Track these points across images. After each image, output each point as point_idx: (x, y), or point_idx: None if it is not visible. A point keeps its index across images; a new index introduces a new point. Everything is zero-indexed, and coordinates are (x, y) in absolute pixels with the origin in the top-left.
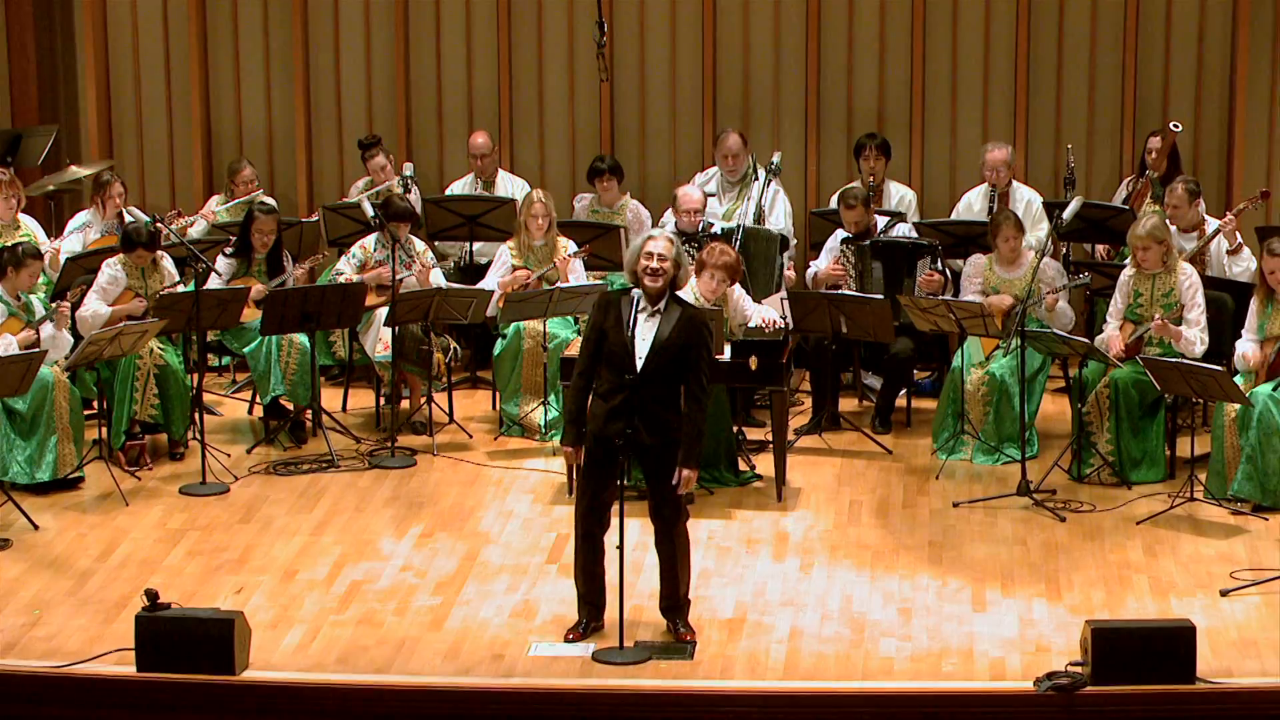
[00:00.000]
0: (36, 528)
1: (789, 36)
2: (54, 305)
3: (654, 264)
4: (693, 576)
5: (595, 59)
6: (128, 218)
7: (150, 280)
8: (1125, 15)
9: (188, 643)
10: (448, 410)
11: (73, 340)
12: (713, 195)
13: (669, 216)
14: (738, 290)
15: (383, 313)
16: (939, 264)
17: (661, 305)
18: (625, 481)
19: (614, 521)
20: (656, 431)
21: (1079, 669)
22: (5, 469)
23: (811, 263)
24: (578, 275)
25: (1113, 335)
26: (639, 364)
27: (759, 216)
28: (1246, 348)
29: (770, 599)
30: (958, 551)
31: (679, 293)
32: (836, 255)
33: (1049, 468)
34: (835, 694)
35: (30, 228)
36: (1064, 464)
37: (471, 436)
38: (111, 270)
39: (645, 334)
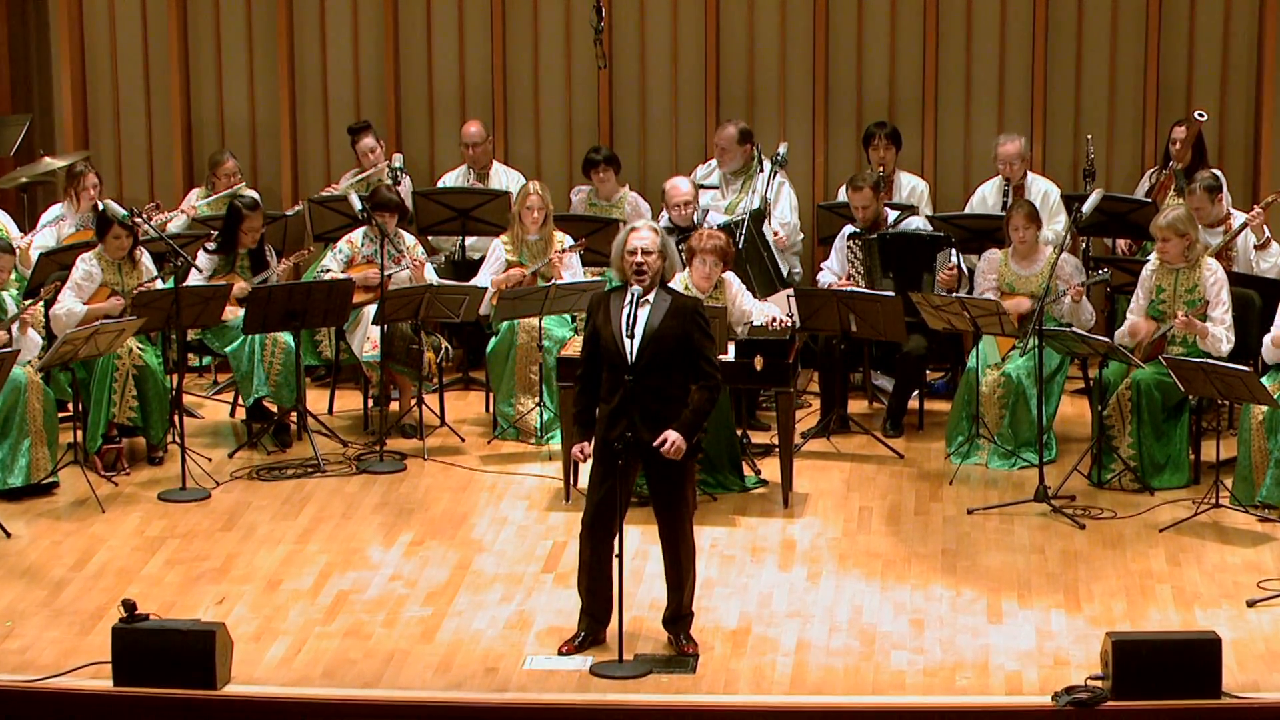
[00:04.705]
0: (9, 535)
1: (796, 21)
2: (25, 304)
3: (639, 259)
4: (696, 587)
5: (593, 45)
6: (101, 209)
7: (127, 277)
8: None
9: (167, 656)
10: (439, 412)
11: (43, 340)
12: (716, 188)
13: (662, 213)
14: (736, 284)
15: (371, 310)
16: (956, 257)
17: (650, 296)
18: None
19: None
20: (657, 428)
21: (1099, 683)
22: None
23: (823, 264)
24: (574, 271)
25: (1139, 321)
26: (632, 358)
27: (764, 210)
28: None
29: (776, 610)
30: (972, 560)
31: (669, 284)
32: (847, 257)
33: (1068, 473)
34: (844, 709)
35: (1, 221)
36: (1083, 469)
37: (464, 440)
38: (86, 265)
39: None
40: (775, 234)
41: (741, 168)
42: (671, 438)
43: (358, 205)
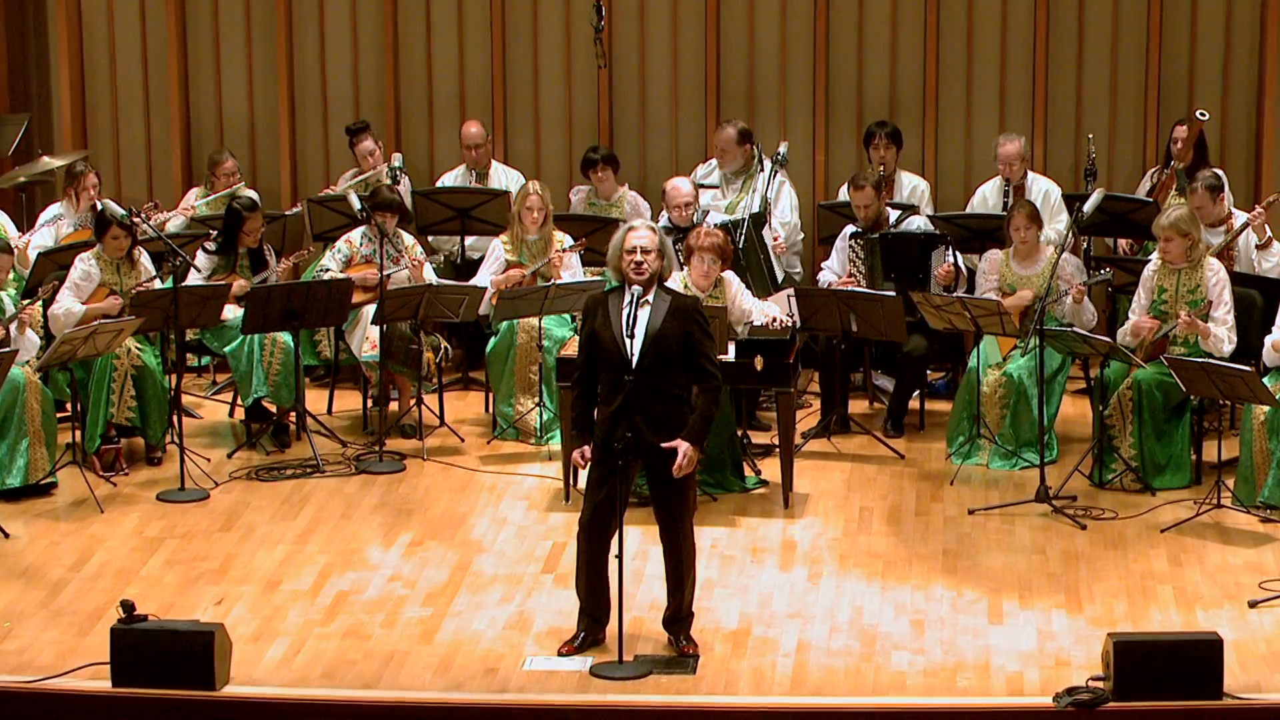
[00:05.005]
0: (7, 536)
1: (796, 20)
2: (23, 304)
3: (638, 258)
4: (696, 587)
5: (593, 44)
6: (100, 209)
7: (126, 277)
8: None
9: (166, 657)
10: (438, 412)
11: (41, 340)
12: (716, 187)
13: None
14: (736, 283)
15: (370, 310)
16: (953, 255)
17: (649, 296)
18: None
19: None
20: (660, 429)
21: (1100, 684)
22: None
23: (824, 264)
24: (574, 271)
25: (1140, 320)
26: (634, 359)
27: (764, 210)
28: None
29: (776, 610)
30: (973, 561)
31: (666, 284)
32: (848, 257)
33: (1069, 473)
34: (844, 710)
35: None
36: (1085, 469)
37: (463, 440)
38: (85, 265)
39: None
40: (775, 238)
41: (741, 167)
42: (683, 448)
43: (357, 205)
